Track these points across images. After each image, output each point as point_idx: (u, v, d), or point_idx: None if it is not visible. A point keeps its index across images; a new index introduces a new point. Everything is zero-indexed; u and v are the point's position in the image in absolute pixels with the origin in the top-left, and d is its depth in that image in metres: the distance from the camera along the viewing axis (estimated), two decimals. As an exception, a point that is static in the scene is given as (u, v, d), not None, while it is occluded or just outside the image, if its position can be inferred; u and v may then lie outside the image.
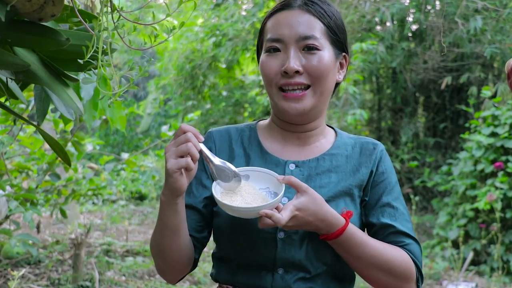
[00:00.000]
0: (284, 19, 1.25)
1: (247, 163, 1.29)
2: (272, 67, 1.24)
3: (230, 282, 1.28)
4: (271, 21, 1.28)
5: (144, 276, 4.50)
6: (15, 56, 0.96)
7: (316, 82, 1.23)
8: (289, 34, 1.23)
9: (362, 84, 8.23)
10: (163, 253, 1.23)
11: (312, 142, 1.31)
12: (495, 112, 5.49)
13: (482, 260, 5.39)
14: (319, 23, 1.24)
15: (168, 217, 1.18)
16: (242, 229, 1.22)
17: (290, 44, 1.23)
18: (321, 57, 1.23)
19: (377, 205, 1.28)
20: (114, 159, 4.87)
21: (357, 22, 7.20)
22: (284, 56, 1.23)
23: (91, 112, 2.03)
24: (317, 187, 1.25)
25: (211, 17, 8.35)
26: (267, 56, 1.26)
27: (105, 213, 8.23)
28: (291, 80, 1.22)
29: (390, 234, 1.26)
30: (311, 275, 1.23)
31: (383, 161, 1.32)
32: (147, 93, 12.80)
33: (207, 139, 1.34)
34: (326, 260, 1.23)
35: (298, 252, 1.22)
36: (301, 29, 1.22)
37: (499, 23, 6.38)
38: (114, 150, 12.84)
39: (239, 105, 8.91)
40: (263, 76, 1.27)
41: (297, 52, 1.22)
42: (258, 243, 1.22)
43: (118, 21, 0.95)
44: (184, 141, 1.09)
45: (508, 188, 5.15)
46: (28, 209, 3.01)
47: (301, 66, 1.22)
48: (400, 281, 1.22)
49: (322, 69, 1.22)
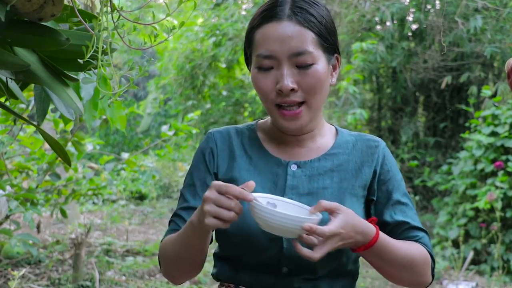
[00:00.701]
0: (274, 33, 1.18)
1: (249, 164, 1.29)
2: (266, 85, 1.20)
3: (232, 280, 1.27)
4: (259, 33, 1.21)
5: (144, 276, 4.50)
6: (15, 56, 0.96)
7: (311, 98, 1.20)
8: (281, 50, 1.17)
9: (362, 83, 8.22)
10: (180, 263, 1.25)
11: (312, 142, 1.30)
12: (495, 112, 5.49)
13: (482, 260, 5.39)
14: (310, 34, 1.18)
15: (196, 241, 1.18)
16: (247, 231, 1.21)
17: (283, 60, 1.17)
18: (315, 71, 1.18)
19: (389, 203, 1.28)
20: (114, 159, 4.87)
21: (357, 22, 7.21)
22: (278, 73, 1.18)
23: (91, 112, 2.03)
24: (320, 188, 1.25)
25: (211, 16, 8.35)
26: (259, 73, 1.21)
27: (105, 213, 8.23)
28: (287, 98, 1.19)
29: (405, 231, 1.27)
30: (316, 276, 1.22)
31: (387, 159, 1.31)
32: (147, 92, 12.80)
33: (208, 140, 1.33)
34: (333, 261, 1.22)
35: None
36: (293, 44, 1.16)
37: (499, 23, 6.38)
38: (114, 150, 12.84)
39: (239, 105, 8.91)
40: (257, 91, 1.24)
41: (291, 68, 1.18)
42: (264, 245, 1.21)
43: (118, 21, 0.95)
44: (227, 207, 1.06)
45: (508, 188, 5.15)
46: (28, 209, 3.01)
47: (295, 83, 1.18)
48: (421, 276, 1.26)
49: (317, 84, 1.19)
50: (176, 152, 8.95)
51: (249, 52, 1.27)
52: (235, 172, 1.28)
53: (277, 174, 1.27)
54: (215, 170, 1.30)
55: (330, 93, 7.66)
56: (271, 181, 1.26)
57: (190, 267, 1.25)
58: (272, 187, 1.25)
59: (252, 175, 1.27)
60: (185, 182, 1.34)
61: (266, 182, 1.26)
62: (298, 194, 1.24)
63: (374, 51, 6.64)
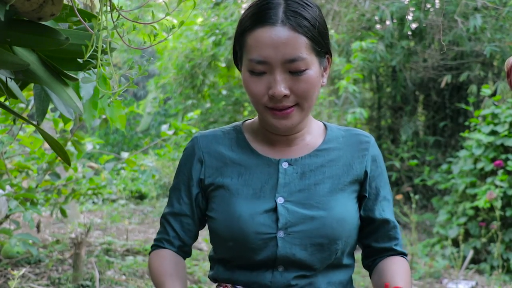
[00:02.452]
0: (267, 38, 1.15)
1: (239, 166, 1.29)
2: (258, 90, 1.19)
3: (228, 280, 1.28)
4: (252, 38, 1.18)
5: (145, 275, 4.50)
6: (14, 56, 0.96)
7: (303, 101, 1.20)
8: (275, 56, 1.15)
9: (362, 82, 8.22)
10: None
11: (301, 140, 1.31)
12: (495, 111, 5.49)
13: (482, 259, 5.39)
14: (303, 39, 1.16)
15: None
16: (240, 232, 1.22)
17: (276, 66, 1.16)
18: (308, 77, 1.18)
19: (377, 199, 1.31)
20: (114, 158, 4.87)
21: (356, 21, 7.21)
22: (270, 78, 1.18)
23: (90, 111, 2.03)
24: (312, 184, 1.25)
25: (211, 16, 8.35)
26: (252, 77, 1.20)
27: (105, 212, 8.23)
28: (279, 104, 1.19)
29: (389, 230, 1.32)
30: (312, 272, 1.23)
31: (377, 155, 1.33)
32: (147, 92, 12.80)
33: (193, 145, 1.33)
34: (330, 258, 1.23)
35: (300, 252, 1.21)
36: (287, 50, 1.15)
37: (498, 21, 6.38)
38: (114, 149, 12.84)
39: (239, 104, 8.91)
40: (248, 94, 1.24)
41: (284, 74, 1.17)
42: (258, 245, 1.21)
43: (117, 20, 0.94)
44: None
45: (508, 187, 5.15)
46: (28, 209, 3.01)
47: (288, 89, 1.17)
48: None
49: (310, 89, 1.19)
50: (176, 151, 8.93)
51: (239, 53, 1.25)
52: (224, 176, 1.28)
53: (269, 173, 1.27)
54: (201, 176, 1.31)
55: (330, 92, 7.64)
56: (262, 181, 1.26)
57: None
58: (264, 187, 1.25)
59: (243, 177, 1.27)
60: (173, 182, 1.36)
61: (257, 182, 1.26)
62: (290, 191, 1.24)
63: (374, 50, 6.63)
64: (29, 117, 3.56)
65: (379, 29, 7.58)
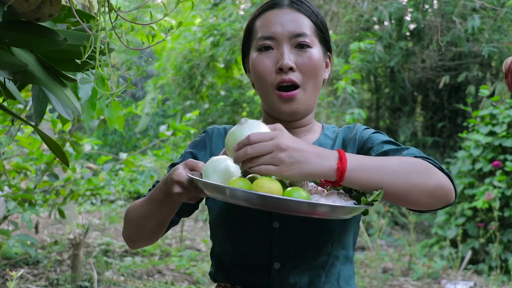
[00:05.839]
0: (275, 17, 1.28)
1: None
2: (266, 65, 1.26)
3: (227, 281, 1.29)
4: (260, 20, 1.30)
5: (143, 276, 4.50)
6: (12, 56, 0.96)
7: (307, 80, 1.26)
8: (282, 32, 1.25)
9: (360, 83, 8.23)
10: (141, 230, 1.28)
11: (302, 137, 1.34)
12: (493, 111, 5.50)
13: (480, 259, 5.40)
14: (308, 21, 1.28)
15: (163, 211, 1.22)
16: (236, 219, 1.24)
17: (283, 41, 1.25)
18: (312, 54, 1.26)
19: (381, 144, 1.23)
20: (112, 159, 4.87)
21: (355, 22, 7.22)
22: (278, 53, 1.26)
23: (89, 112, 2.03)
24: None
25: (209, 16, 8.35)
26: (260, 55, 1.27)
27: (103, 213, 8.23)
28: (285, 77, 1.24)
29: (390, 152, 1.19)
30: (309, 266, 1.23)
31: (364, 131, 1.32)
32: (145, 93, 12.80)
33: (205, 135, 1.40)
34: (327, 248, 1.23)
35: (295, 243, 1.22)
36: (293, 27, 1.26)
37: (496, 22, 6.39)
38: (113, 150, 12.83)
39: (237, 105, 8.90)
40: (256, 75, 1.28)
41: (290, 49, 1.25)
42: (253, 233, 1.23)
43: (115, 21, 0.94)
44: None
45: (506, 187, 5.16)
46: (26, 210, 3.00)
47: (294, 63, 1.24)
48: (429, 176, 1.07)
49: (314, 66, 1.26)
50: (174, 152, 8.92)
51: (248, 41, 1.34)
52: None
53: None
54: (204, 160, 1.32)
55: (328, 93, 7.63)
56: None
57: (152, 234, 1.29)
58: None
59: None
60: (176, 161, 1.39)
61: None
62: None
63: (372, 51, 6.65)
64: (27, 118, 3.56)
65: (378, 30, 7.60)
